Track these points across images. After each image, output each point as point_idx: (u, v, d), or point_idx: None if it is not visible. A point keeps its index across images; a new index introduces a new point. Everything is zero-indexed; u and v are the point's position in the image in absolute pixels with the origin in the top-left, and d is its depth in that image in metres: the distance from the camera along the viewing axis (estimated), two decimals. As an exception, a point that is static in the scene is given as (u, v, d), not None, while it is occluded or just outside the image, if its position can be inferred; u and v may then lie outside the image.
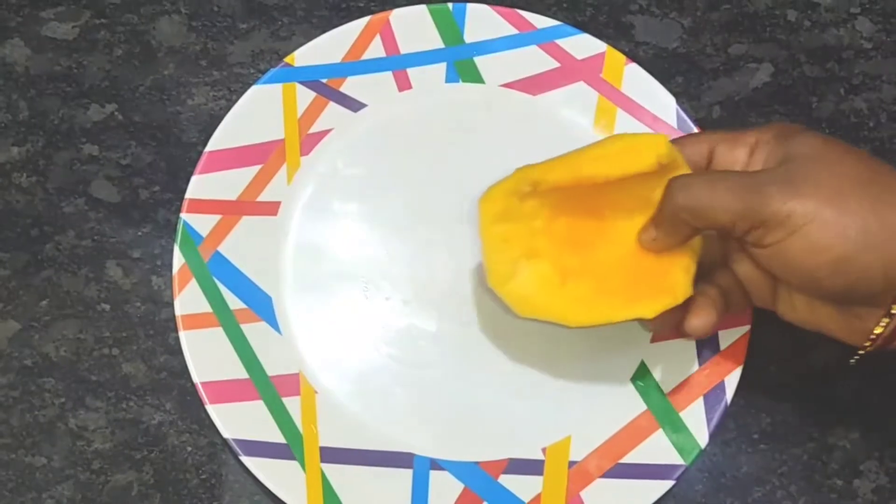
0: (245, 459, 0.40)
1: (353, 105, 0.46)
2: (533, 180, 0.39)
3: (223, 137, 0.45)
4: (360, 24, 0.47)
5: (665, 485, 0.41)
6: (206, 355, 0.41)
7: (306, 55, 0.46)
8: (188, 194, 0.44)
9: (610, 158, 0.38)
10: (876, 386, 0.44)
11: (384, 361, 0.43)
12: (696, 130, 0.46)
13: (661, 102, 0.46)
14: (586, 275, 0.39)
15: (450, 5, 0.47)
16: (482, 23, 0.47)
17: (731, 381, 0.42)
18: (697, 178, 0.37)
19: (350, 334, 0.43)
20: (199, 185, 0.44)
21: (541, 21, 0.47)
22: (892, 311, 0.35)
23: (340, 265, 0.44)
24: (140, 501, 0.41)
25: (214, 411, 0.40)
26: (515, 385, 0.43)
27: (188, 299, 0.42)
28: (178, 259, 0.43)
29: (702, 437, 0.41)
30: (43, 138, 0.46)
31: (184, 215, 0.43)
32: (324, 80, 0.46)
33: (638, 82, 0.47)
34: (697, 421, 0.42)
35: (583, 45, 0.47)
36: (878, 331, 0.35)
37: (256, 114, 0.45)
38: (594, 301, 0.39)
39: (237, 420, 0.40)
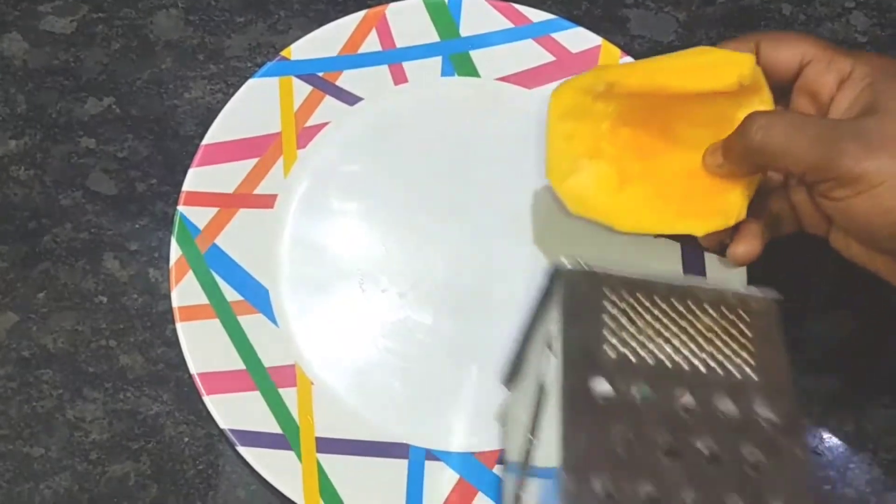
0: (242, 450, 0.40)
1: (350, 99, 0.46)
2: (608, 81, 0.38)
3: (220, 131, 0.45)
4: (356, 17, 0.47)
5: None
6: (202, 347, 0.42)
7: (303, 49, 0.46)
8: (185, 187, 0.44)
9: (690, 72, 0.38)
10: (870, 378, 0.45)
11: (380, 353, 0.43)
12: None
13: (657, 96, 0.46)
14: (645, 182, 0.39)
15: (445, -1, 0.48)
16: (478, 17, 0.48)
17: (726, 372, 0.42)
18: (778, 120, 0.36)
19: (346, 326, 0.43)
20: (196, 178, 0.44)
21: (536, 15, 0.48)
22: None
23: (337, 258, 0.44)
24: (137, 492, 0.41)
25: (211, 402, 0.41)
26: (511, 376, 0.43)
27: (185, 291, 0.42)
28: (175, 251, 0.43)
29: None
30: (40, 131, 0.47)
31: (181, 208, 0.43)
32: (320, 74, 0.46)
33: (633, 76, 0.47)
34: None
35: (578, 38, 0.47)
36: None
37: (253, 107, 0.45)
38: (647, 209, 0.39)
39: (234, 411, 0.41)
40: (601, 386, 0.31)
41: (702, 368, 0.32)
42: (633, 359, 0.32)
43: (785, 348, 0.33)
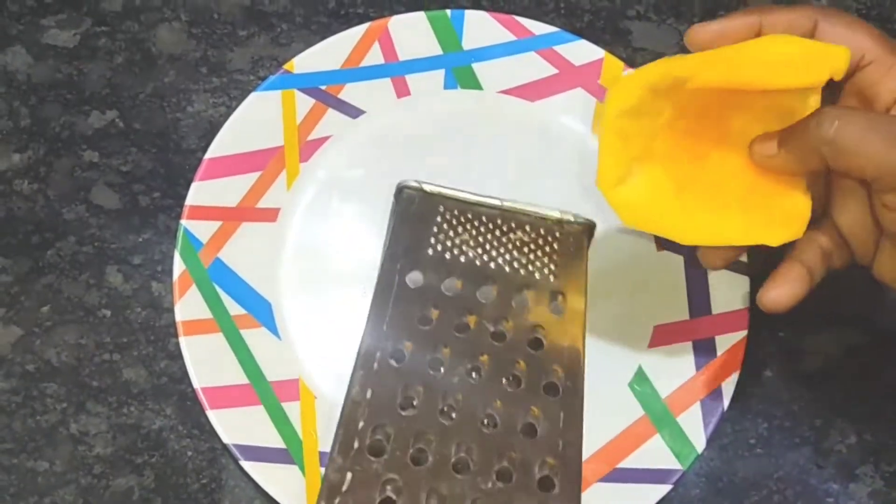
0: (245, 464, 0.40)
1: (352, 112, 0.46)
2: (679, 76, 0.34)
3: (223, 144, 0.45)
4: (358, 30, 0.47)
5: (662, 489, 0.41)
6: (206, 361, 0.42)
7: (305, 62, 0.47)
8: (188, 201, 0.44)
9: (776, 65, 0.34)
10: (872, 390, 0.45)
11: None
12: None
13: (659, 108, 0.46)
14: (700, 185, 0.36)
15: (448, 12, 0.48)
16: (480, 29, 0.48)
17: (728, 386, 0.42)
18: (855, 116, 0.32)
19: (349, 340, 0.43)
20: (200, 192, 0.44)
21: (539, 27, 0.48)
22: None
23: (339, 271, 0.44)
24: (141, 506, 0.41)
25: (214, 416, 0.41)
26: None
27: (188, 305, 0.42)
28: (178, 265, 0.43)
29: (699, 441, 0.42)
30: (44, 145, 0.47)
31: (184, 221, 0.44)
32: (323, 87, 0.46)
33: (635, 88, 0.47)
34: (695, 426, 0.42)
35: (581, 51, 0.47)
36: None
37: (256, 121, 0.45)
38: (710, 218, 0.36)
39: (237, 425, 0.41)
40: (415, 276, 0.38)
41: (507, 269, 0.38)
42: (448, 258, 0.38)
43: (585, 260, 0.39)
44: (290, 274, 0.44)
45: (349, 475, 0.33)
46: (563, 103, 0.47)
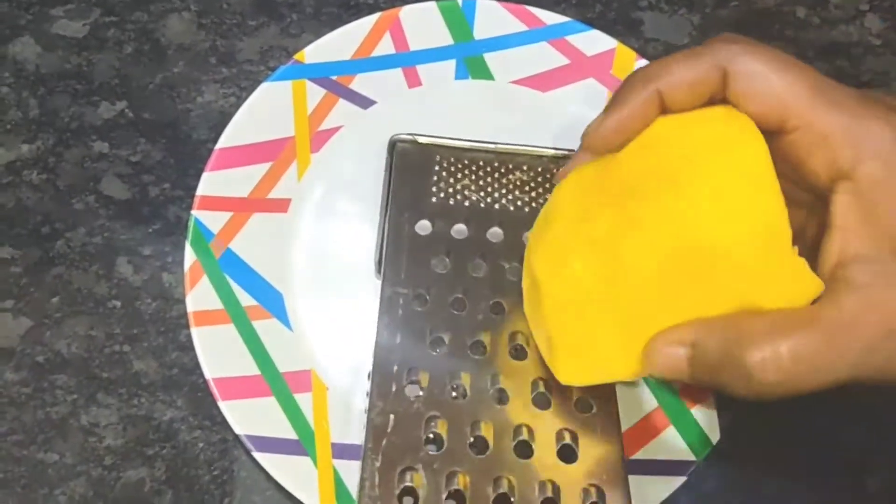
0: (257, 455, 0.40)
1: (363, 102, 0.46)
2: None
3: (233, 135, 0.45)
4: (369, 20, 0.47)
5: (677, 481, 0.41)
6: (217, 352, 0.41)
7: (316, 52, 0.46)
8: (199, 191, 0.44)
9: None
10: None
11: (395, 358, 0.43)
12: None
13: (671, 99, 0.46)
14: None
15: (459, 1, 0.47)
16: (492, 19, 0.47)
17: (742, 377, 0.42)
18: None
19: (361, 330, 0.43)
20: (210, 183, 0.44)
21: (550, 17, 0.47)
22: None
23: (351, 262, 0.44)
24: (152, 497, 0.41)
25: (226, 407, 0.40)
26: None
27: (200, 296, 0.42)
28: (189, 256, 0.43)
29: (713, 433, 0.41)
30: (53, 136, 0.47)
31: (195, 212, 0.43)
32: (334, 77, 0.46)
33: (648, 79, 0.47)
34: (709, 418, 0.42)
35: (593, 41, 0.47)
36: None
37: (266, 111, 0.45)
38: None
39: (249, 416, 0.40)
40: (423, 224, 0.39)
41: (511, 209, 0.39)
42: (452, 203, 0.39)
43: None
44: (301, 265, 0.44)
45: (392, 416, 0.34)
46: (575, 93, 0.47)
